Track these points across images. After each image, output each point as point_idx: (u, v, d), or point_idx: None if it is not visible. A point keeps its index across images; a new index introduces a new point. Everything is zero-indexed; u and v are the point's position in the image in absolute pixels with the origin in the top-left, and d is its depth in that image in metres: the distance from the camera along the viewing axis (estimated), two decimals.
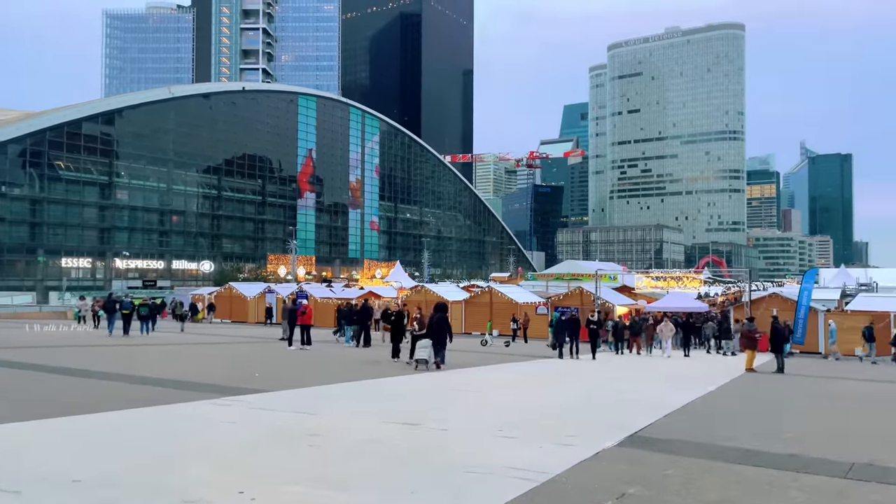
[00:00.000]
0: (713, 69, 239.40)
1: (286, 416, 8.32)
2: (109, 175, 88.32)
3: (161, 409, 8.62)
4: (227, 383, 11.53)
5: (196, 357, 18.21)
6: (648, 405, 10.64)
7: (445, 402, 10.33)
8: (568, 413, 9.57)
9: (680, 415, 9.82)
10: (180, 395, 9.94)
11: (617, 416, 9.43)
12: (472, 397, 11.01)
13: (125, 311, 28.99)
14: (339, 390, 11.49)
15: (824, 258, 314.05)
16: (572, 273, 56.73)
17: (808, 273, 32.95)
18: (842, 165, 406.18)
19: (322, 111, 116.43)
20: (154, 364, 14.98)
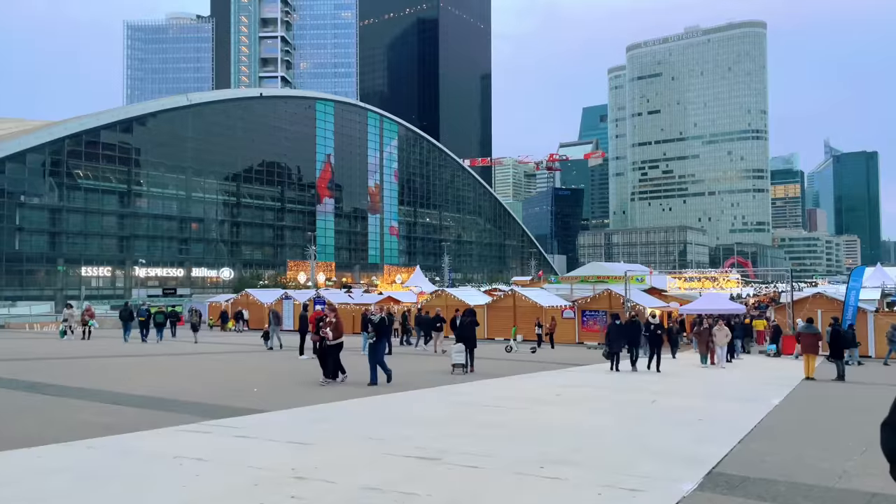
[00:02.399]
0: (734, 68, 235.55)
1: (273, 450, 6.73)
2: (128, 183, 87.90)
3: (117, 441, 7.05)
4: (218, 401, 10.03)
5: (194, 369, 16.75)
6: (716, 426, 8.95)
7: (473, 424, 8.69)
8: (624, 440, 7.87)
9: (758, 439, 8.10)
10: (154, 418, 8.43)
11: (684, 442, 7.74)
12: (504, 417, 9.36)
13: (141, 318, 29.88)
14: (348, 409, 9.94)
15: (851, 258, 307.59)
16: (597, 275, 54.89)
17: (856, 271, 30.79)
18: (867, 163, 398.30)
19: (340, 116, 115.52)
20: (143, 378, 13.52)
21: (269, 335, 24.14)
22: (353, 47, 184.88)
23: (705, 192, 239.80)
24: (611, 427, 8.71)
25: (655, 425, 9.03)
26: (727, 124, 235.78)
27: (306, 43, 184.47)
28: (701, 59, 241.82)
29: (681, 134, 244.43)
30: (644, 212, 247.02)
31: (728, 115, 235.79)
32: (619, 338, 18.39)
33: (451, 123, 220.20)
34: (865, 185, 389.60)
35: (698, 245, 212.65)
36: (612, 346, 18.41)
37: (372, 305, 35.06)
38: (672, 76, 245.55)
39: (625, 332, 18.47)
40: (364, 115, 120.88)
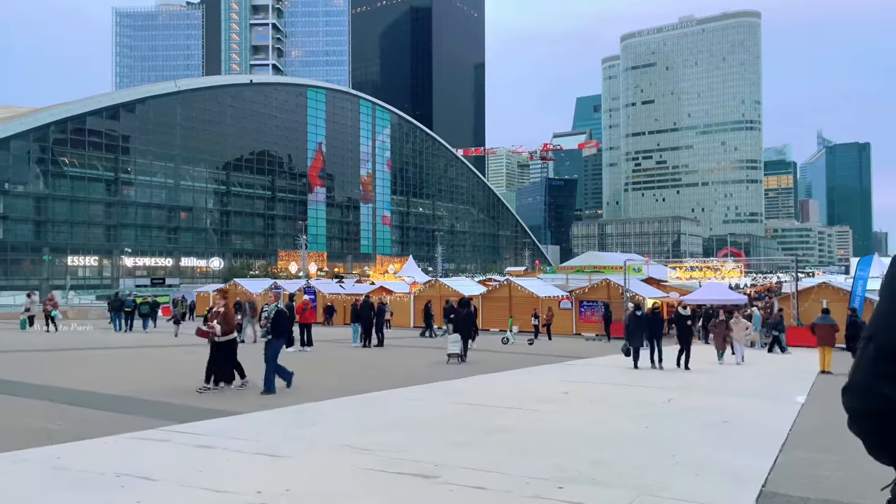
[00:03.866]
0: (728, 58, 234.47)
1: (238, 465, 5.65)
2: (116, 171, 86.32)
3: (54, 453, 5.92)
4: (185, 400, 8.96)
5: (165, 363, 15.63)
6: (745, 429, 7.95)
7: (474, 429, 7.63)
8: (650, 448, 6.83)
9: (800, 446, 7.10)
10: (109, 422, 7.35)
11: (717, 450, 6.72)
12: (509, 420, 8.31)
13: (127, 308, 30.96)
14: (332, 411, 8.89)
15: (843, 249, 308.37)
16: (593, 265, 54.01)
17: (863, 260, 29.89)
18: (860, 155, 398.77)
19: (332, 104, 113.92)
20: (105, 373, 12.40)
21: (242, 327, 22.52)
22: (345, 35, 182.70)
23: (699, 182, 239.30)
24: (630, 432, 7.68)
25: (679, 429, 8.01)
26: (721, 115, 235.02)
27: (298, 31, 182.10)
28: (695, 49, 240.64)
29: (674, 124, 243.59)
30: (637, 202, 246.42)
31: (722, 106, 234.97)
32: (640, 331, 16.39)
33: (444, 113, 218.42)
34: (858, 177, 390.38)
35: (692, 235, 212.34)
36: (632, 341, 16.31)
37: (269, 294, 34.89)
38: (666, 66, 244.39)
39: (646, 325, 16.43)
40: (356, 103, 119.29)
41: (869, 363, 1.29)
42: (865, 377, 1.15)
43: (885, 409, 1.10)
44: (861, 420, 1.17)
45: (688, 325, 16.82)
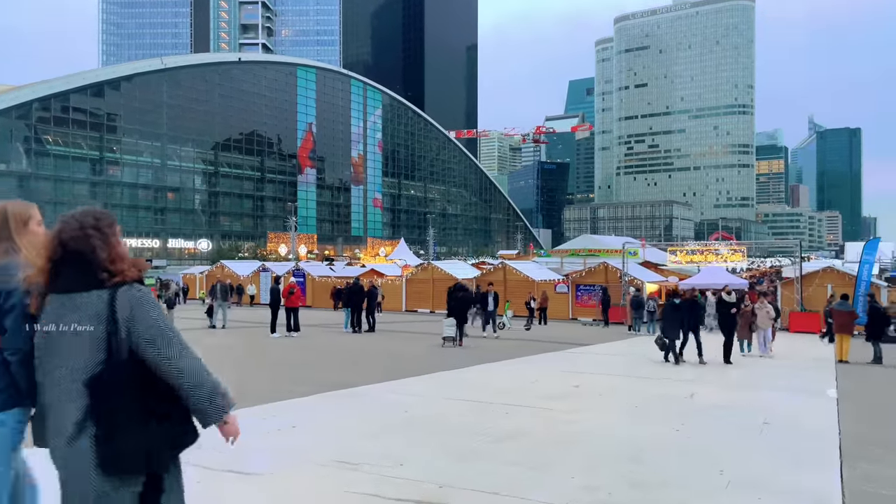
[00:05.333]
0: (722, 42, 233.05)
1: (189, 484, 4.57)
2: (101, 150, 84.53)
3: None
4: None
5: None
6: (789, 432, 6.97)
7: (480, 434, 6.59)
8: (692, 460, 5.79)
9: (861, 456, 6.12)
10: None
11: (770, 461, 5.71)
12: (518, 422, 7.29)
13: None
14: (314, 408, 7.85)
15: (833, 233, 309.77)
16: (588, 248, 53.05)
17: (869, 244, 28.96)
18: (850, 140, 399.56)
19: (322, 83, 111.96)
20: None
21: (214, 311, 21.29)
22: (336, 14, 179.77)
23: (691, 166, 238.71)
24: (662, 437, 6.67)
25: (717, 432, 7.01)
26: (713, 99, 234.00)
27: (288, 9, 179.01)
28: (689, 32, 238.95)
29: (667, 108, 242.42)
30: (630, 186, 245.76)
31: (715, 90, 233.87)
32: (678, 321, 14.26)
33: (436, 95, 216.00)
34: (848, 162, 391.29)
35: (684, 219, 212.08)
36: (668, 332, 14.15)
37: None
38: (660, 49, 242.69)
39: (685, 315, 14.37)
40: (347, 83, 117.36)
41: None
42: None
43: None
44: None
45: (732, 313, 15.07)
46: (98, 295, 2.28)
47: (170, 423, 2.28)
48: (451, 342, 16.92)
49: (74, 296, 2.30)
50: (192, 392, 2.25)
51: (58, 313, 2.31)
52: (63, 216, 2.41)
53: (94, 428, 2.20)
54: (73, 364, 2.26)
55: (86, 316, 2.27)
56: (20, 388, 2.50)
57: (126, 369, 2.23)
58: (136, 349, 2.26)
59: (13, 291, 2.54)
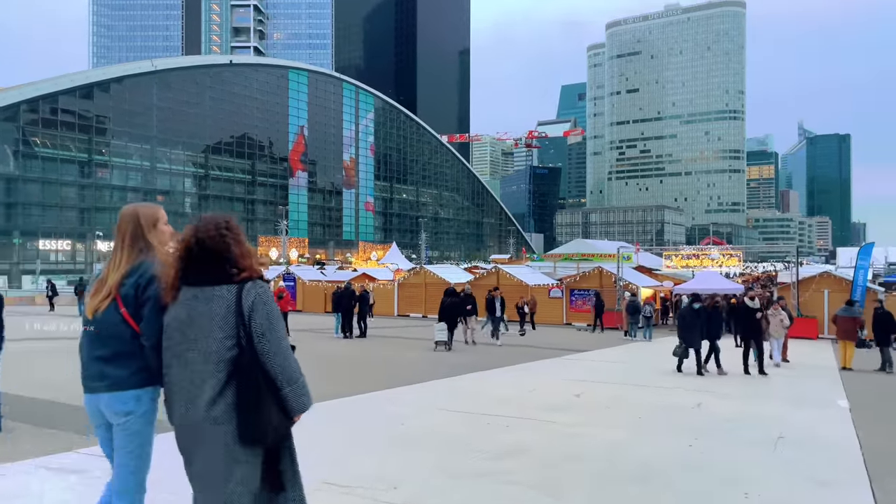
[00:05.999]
0: (713, 47, 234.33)
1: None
2: (89, 153, 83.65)
3: None
4: None
5: None
6: (806, 446, 6.56)
7: (477, 452, 6.13)
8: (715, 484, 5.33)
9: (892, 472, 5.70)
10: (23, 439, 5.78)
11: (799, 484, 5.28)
12: (519, 437, 6.84)
13: None
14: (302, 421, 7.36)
15: (823, 239, 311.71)
16: (582, 253, 52.77)
17: (864, 249, 28.73)
18: (840, 146, 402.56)
19: (314, 87, 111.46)
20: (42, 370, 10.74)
21: None
22: (328, 18, 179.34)
23: (682, 171, 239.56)
24: (676, 454, 6.23)
25: (732, 448, 6.58)
26: (705, 104, 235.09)
27: (280, 12, 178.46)
28: (680, 38, 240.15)
29: (659, 113, 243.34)
30: (621, 191, 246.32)
31: (706, 95, 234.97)
32: (698, 328, 13.19)
33: (428, 99, 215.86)
34: (838, 167, 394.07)
35: (675, 224, 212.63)
36: (688, 340, 13.06)
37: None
38: (651, 55, 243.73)
39: (706, 321, 13.40)
40: (339, 86, 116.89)
41: None
42: None
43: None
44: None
45: (757, 319, 13.92)
46: (228, 289, 2.60)
47: (285, 401, 2.62)
48: (443, 346, 17.16)
49: (207, 289, 2.61)
50: (285, 385, 2.58)
51: (191, 304, 2.61)
52: (198, 218, 2.76)
53: (228, 404, 2.51)
54: (206, 348, 2.55)
55: (217, 307, 2.57)
56: (152, 370, 2.84)
57: (252, 354, 2.55)
58: (251, 339, 2.57)
59: (150, 284, 2.86)
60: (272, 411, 2.56)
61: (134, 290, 2.89)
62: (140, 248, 3.00)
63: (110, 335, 2.89)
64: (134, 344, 2.87)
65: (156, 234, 3.09)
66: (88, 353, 2.96)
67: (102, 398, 2.91)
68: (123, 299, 2.89)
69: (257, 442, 2.53)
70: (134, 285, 2.89)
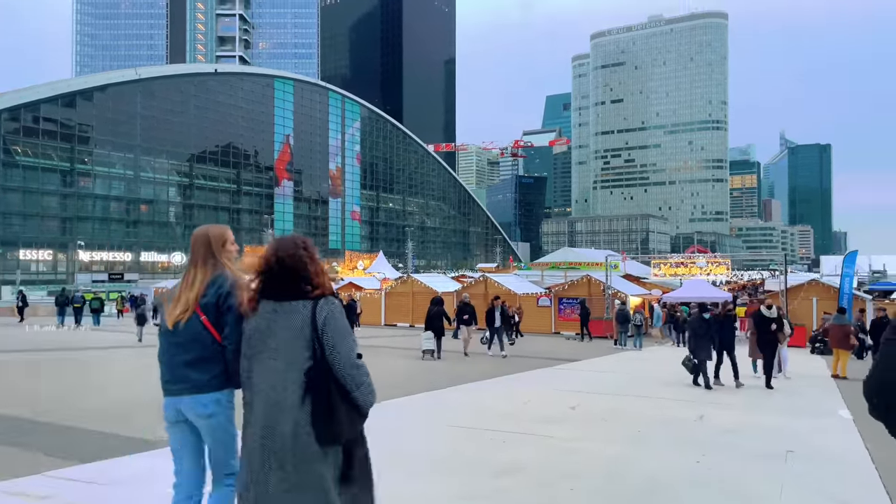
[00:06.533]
0: (696, 58, 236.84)
1: None
2: (72, 161, 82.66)
3: None
4: (109, 426, 6.99)
5: (103, 369, 13.55)
6: (821, 463, 6.32)
7: (474, 467, 5.82)
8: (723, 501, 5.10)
9: None
10: None
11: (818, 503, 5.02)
12: (518, 452, 6.52)
13: (76, 304, 31.73)
14: None
15: (805, 247, 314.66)
16: (569, 262, 52.54)
17: (849, 257, 28.76)
18: (821, 155, 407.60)
19: (299, 96, 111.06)
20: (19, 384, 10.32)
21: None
22: (314, 27, 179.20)
23: (666, 181, 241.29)
24: (684, 471, 5.93)
25: (741, 464, 6.30)
26: (688, 114, 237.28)
27: (266, 22, 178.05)
28: (663, 49, 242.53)
29: (643, 123, 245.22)
30: (606, 200, 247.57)
31: (689, 105, 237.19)
32: (709, 339, 12.37)
33: (414, 108, 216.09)
34: (818, 177, 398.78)
35: (660, 233, 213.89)
36: (698, 352, 12.21)
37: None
38: (635, 65, 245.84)
39: (717, 330, 12.60)
40: (325, 95, 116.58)
41: None
42: None
43: None
44: None
45: (772, 329, 13.05)
46: (304, 304, 2.81)
47: (355, 403, 2.81)
48: (430, 355, 17.23)
49: (286, 303, 2.82)
50: (354, 389, 2.79)
51: (271, 316, 2.82)
52: (277, 238, 2.99)
53: (309, 408, 2.72)
54: (287, 357, 2.76)
55: (295, 320, 2.79)
56: (230, 373, 3.11)
57: (325, 364, 2.77)
58: (324, 350, 2.78)
59: (229, 295, 3.14)
60: (344, 415, 2.73)
61: (215, 300, 3.16)
62: (212, 265, 3.28)
63: (193, 342, 3.15)
64: (214, 349, 3.14)
65: (225, 252, 3.36)
66: (171, 359, 3.20)
67: (184, 400, 3.16)
68: (203, 308, 3.16)
69: (333, 442, 2.70)
70: (214, 296, 3.17)
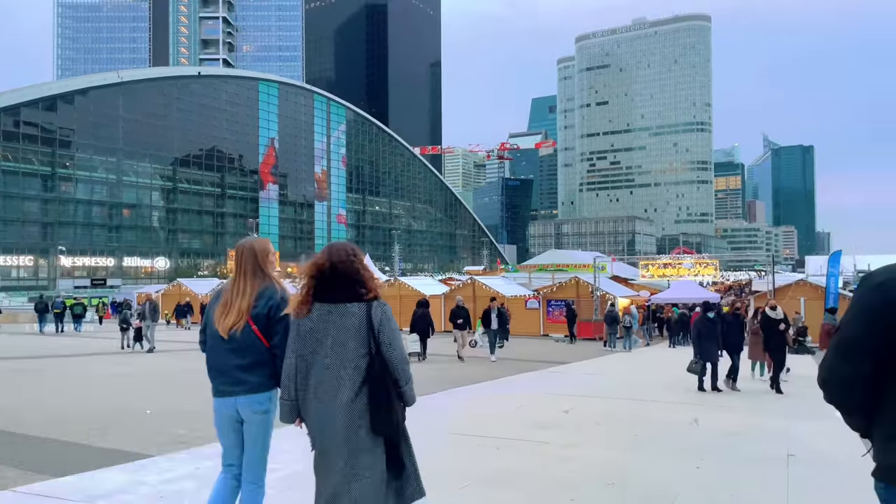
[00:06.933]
0: (680, 60, 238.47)
1: None
2: (53, 166, 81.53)
3: None
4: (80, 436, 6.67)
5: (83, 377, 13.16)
6: (822, 468, 6.14)
7: (467, 476, 5.57)
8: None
9: None
10: None
11: None
12: (512, 459, 6.25)
13: (56, 310, 31.07)
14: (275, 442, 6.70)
15: (789, 248, 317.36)
16: (556, 264, 52.57)
17: (833, 257, 28.80)
18: (804, 157, 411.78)
19: (284, 98, 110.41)
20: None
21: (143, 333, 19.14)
22: (298, 30, 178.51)
23: (651, 183, 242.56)
24: (683, 479, 5.69)
25: (741, 470, 6.09)
26: (673, 116, 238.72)
27: (249, 25, 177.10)
28: (648, 52, 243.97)
29: (628, 125, 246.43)
30: (592, 202, 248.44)
31: (674, 108, 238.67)
32: (715, 341, 11.88)
33: (400, 111, 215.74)
34: (802, 178, 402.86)
35: (646, 235, 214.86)
36: (704, 354, 11.69)
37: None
38: (620, 68, 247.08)
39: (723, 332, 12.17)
40: (310, 98, 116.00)
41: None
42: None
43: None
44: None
45: (780, 330, 12.63)
46: (359, 306, 3.02)
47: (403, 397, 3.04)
48: (415, 358, 17.26)
49: (340, 306, 3.02)
50: (404, 384, 3.02)
51: (326, 318, 3.02)
52: (330, 246, 3.20)
53: (363, 401, 2.91)
54: (343, 355, 2.96)
55: (351, 321, 2.99)
56: (277, 375, 3.35)
57: (381, 361, 2.97)
58: (380, 348, 2.98)
59: (280, 307, 3.41)
60: (398, 408, 2.95)
61: (266, 311, 3.41)
62: (259, 276, 3.52)
63: (248, 349, 3.40)
64: (266, 355, 3.41)
65: (269, 263, 3.59)
66: (225, 364, 3.44)
67: (240, 400, 3.43)
68: (254, 319, 3.40)
69: (387, 434, 2.89)
70: (265, 307, 3.41)
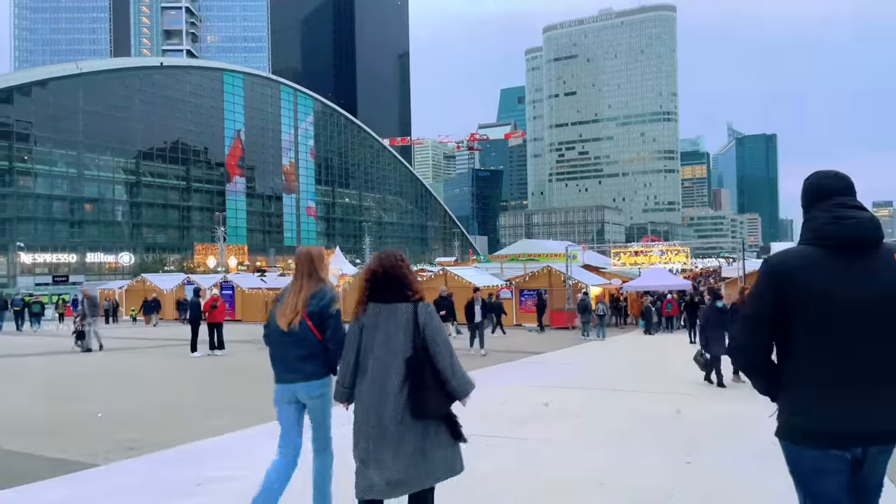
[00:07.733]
0: (646, 51, 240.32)
1: None
2: (10, 160, 79.15)
3: None
4: (26, 443, 6.17)
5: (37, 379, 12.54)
6: None
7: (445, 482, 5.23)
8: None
9: None
10: None
11: None
12: (492, 457, 5.90)
13: (16, 308, 31.05)
14: (236, 449, 6.29)
15: (753, 235, 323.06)
16: (528, 253, 52.48)
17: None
18: (767, 145, 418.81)
19: (250, 90, 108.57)
20: None
21: (85, 332, 17.89)
22: (264, 20, 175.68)
23: (619, 172, 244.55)
24: (675, 474, 5.40)
25: (733, 461, 5.82)
26: (639, 106, 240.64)
27: (213, 15, 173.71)
28: (615, 42, 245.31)
29: (596, 116, 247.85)
30: (562, 192, 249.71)
31: (640, 98, 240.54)
32: (723, 331, 11.01)
33: (369, 102, 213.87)
34: (765, 166, 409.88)
35: (615, 224, 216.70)
36: (712, 346, 10.89)
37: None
38: (587, 58, 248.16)
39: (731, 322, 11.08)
40: (277, 89, 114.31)
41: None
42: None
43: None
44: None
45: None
46: (406, 306, 3.39)
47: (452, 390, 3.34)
48: None
49: (390, 305, 3.41)
50: (451, 377, 3.33)
51: (379, 316, 3.41)
52: (380, 253, 3.57)
53: (408, 388, 3.27)
54: (393, 348, 3.33)
55: (400, 319, 3.37)
56: (329, 364, 3.91)
57: (424, 354, 3.32)
58: (425, 344, 3.34)
59: (330, 305, 3.93)
60: (433, 395, 3.25)
61: (318, 309, 3.91)
62: (315, 278, 3.98)
63: (304, 341, 3.89)
64: (320, 347, 3.91)
65: (323, 267, 4.07)
66: (286, 354, 3.94)
67: (299, 386, 3.93)
68: (309, 316, 3.89)
69: (424, 416, 3.24)
70: (318, 306, 3.91)
